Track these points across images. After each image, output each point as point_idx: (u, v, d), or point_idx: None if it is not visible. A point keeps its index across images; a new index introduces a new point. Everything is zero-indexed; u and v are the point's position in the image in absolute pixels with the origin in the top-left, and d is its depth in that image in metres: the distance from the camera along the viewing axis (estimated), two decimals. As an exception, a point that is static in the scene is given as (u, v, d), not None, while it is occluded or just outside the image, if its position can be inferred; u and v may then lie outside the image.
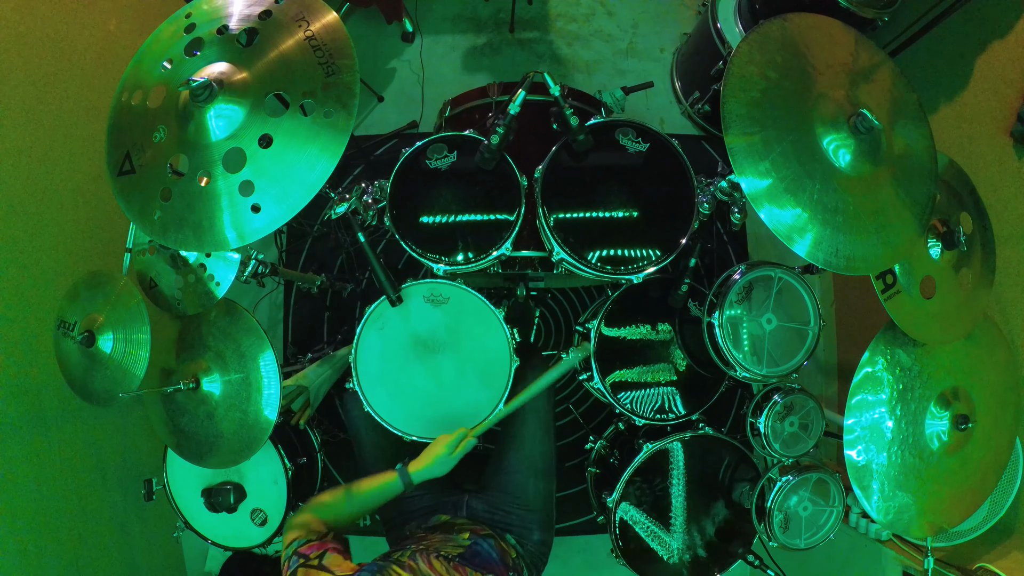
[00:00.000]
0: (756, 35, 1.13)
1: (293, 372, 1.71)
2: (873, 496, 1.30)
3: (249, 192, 1.08)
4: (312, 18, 1.14)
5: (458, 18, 2.62)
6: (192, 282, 1.38)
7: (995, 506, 1.54)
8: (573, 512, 2.28)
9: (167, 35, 1.21)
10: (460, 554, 1.11)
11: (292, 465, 1.52)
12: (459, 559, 1.08)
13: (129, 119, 1.18)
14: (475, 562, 1.11)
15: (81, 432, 1.73)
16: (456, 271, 1.36)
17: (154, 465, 1.63)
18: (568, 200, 1.35)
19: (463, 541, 1.18)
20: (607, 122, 1.40)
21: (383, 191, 1.38)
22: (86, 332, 1.29)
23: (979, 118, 1.73)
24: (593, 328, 1.50)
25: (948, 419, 1.31)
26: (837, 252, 1.10)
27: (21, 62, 1.56)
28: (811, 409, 1.49)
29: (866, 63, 1.19)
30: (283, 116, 1.10)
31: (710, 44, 2.08)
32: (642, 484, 1.55)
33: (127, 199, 1.15)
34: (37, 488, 1.55)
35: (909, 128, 1.20)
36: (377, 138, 2.44)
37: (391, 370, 1.38)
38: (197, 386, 1.36)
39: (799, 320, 1.42)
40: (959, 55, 1.79)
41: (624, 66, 2.59)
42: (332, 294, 2.37)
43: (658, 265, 1.35)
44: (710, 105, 2.29)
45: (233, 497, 1.50)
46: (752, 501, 1.49)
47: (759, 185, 1.08)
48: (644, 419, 1.52)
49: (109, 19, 1.92)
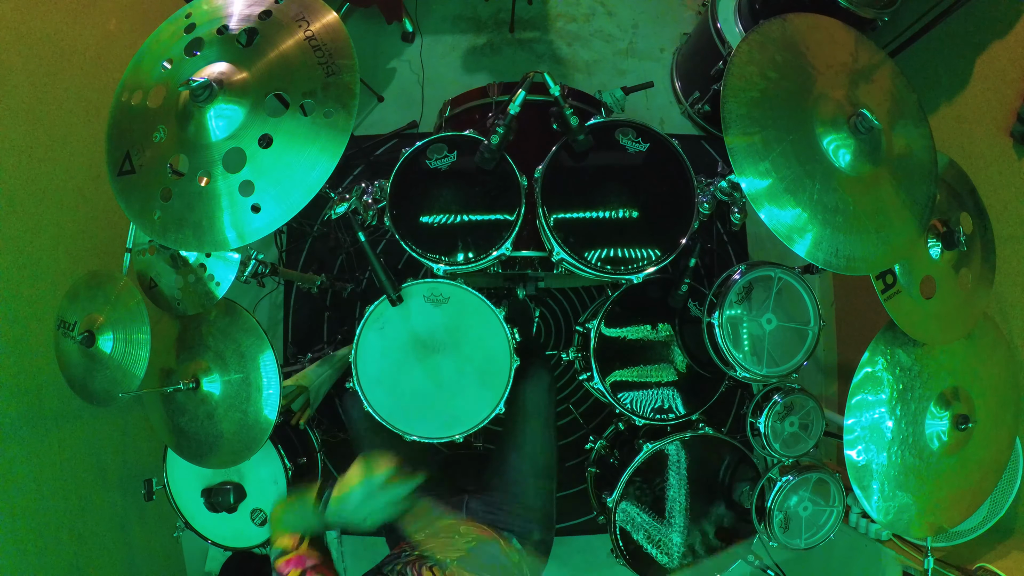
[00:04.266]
0: (756, 35, 1.13)
1: (293, 372, 1.71)
2: (873, 496, 1.30)
3: (249, 192, 1.08)
4: (312, 18, 1.14)
5: (458, 18, 2.62)
6: (192, 282, 1.39)
7: (995, 506, 1.54)
8: (573, 512, 2.28)
9: (167, 35, 1.21)
10: (460, 558, 1.10)
11: (292, 465, 1.53)
12: (458, 563, 1.07)
13: (129, 119, 1.18)
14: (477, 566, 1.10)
15: (81, 432, 1.73)
16: (456, 271, 1.36)
17: (154, 465, 1.64)
18: (568, 200, 1.35)
19: (464, 544, 1.18)
20: (607, 122, 1.40)
21: (383, 191, 1.38)
22: (86, 332, 1.29)
23: (979, 118, 1.73)
24: (593, 328, 1.50)
25: (948, 419, 1.31)
26: (837, 252, 1.10)
27: (21, 62, 1.56)
28: (811, 409, 1.49)
29: (866, 63, 1.19)
30: (283, 116, 1.10)
31: (710, 44, 2.08)
32: (642, 484, 1.55)
33: (127, 199, 1.15)
34: (37, 488, 1.55)
35: (909, 128, 1.20)
36: (377, 138, 2.44)
37: (391, 370, 1.38)
38: (197, 386, 1.36)
39: (799, 320, 1.42)
40: (959, 55, 1.79)
41: (624, 66, 2.59)
42: (332, 294, 2.37)
43: (658, 265, 1.34)
44: (710, 105, 2.29)
45: (233, 497, 1.49)
46: (752, 501, 1.49)
47: (759, 185, 1.08)
48: (644, 419, 1.52)
49: (109, 19, 1.92)
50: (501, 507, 1.36)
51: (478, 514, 1.36)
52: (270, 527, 1.06)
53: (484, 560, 1.14)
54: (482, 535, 1.23)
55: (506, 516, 1.35)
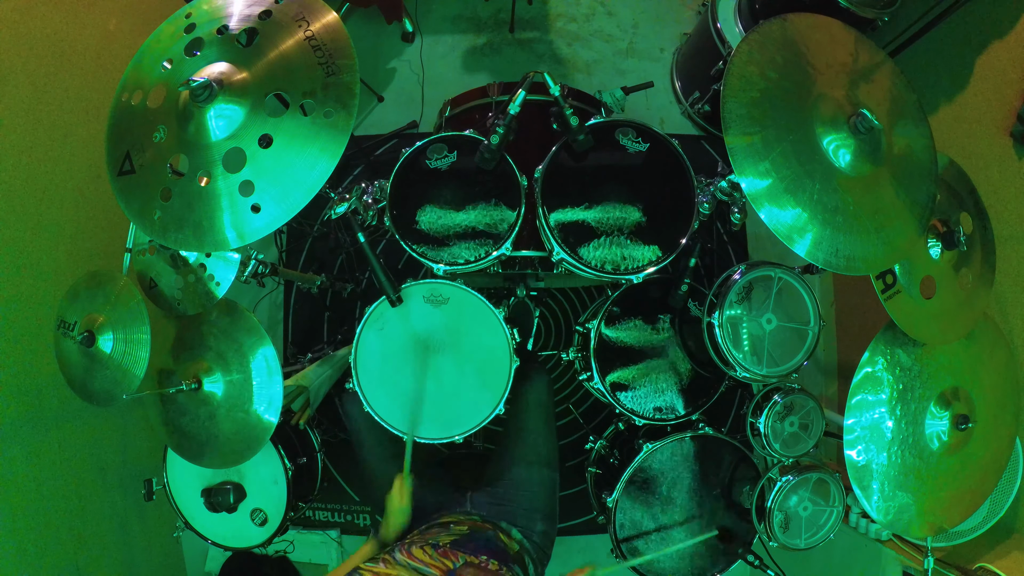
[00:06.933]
0: (756, 35, 1.13)
1: (293, 372, 1.71)
2: (873, 496, 1.30)
3: (249, 192, 1.08)
4: (312, 18, 1.14)
5: (458, 18, 2.62)
6: (192, 282, 1.38)
7: (995, 506, 1.54)
8: (573, 512, 2.28)
9: (167, 35, 1.21)
10: (454, 540, 1.10)
11: (292, 465, 1.53)
12: (451, 545, 1.07)
13: (129, 119, 1.18)
14: (468, 547, 1.09)
15: (81, 432, 1.74)
16: (456, 271, 1.36)
17: (154, 465, 1.64)
18: (568, 200, 1.35)
19: (459, 531, 1.17)
20: (607, 122, 1.40)
21: (383, 191, 1.38)
22: (86, 332, 1.29)
23: (979, 118, 1.73)
24: (593, 328, 1.50)
25: (948, 419, 1.30)
26: (837, 252, 1.10)
27: (21, 62, 1.57)
28: (811, 409, 1.48)
29: (866, 63, 1.19)
30: (283, 116, 1.10)
31: (710, 44, 2.08)
32: (642, 484, 1.55)
33: (127, 199, 1.15)
34: (37, 488, 1.55)
35: (909, 128, 1.20)
36: (377, 138, 2.44)
37: (391, 370, 1.38)
38: (199, 387, 1.36)
39: (799, 320, 1.42)
40: (959, 55, 1.79)
41: (624, 66, 2.59)
42: (332, 294, 2.37)
43: (658, 265, 1.34)
44: (710, 105, 2.29)
45: (233, 497, 1.50)
46: (752, 501, 1.49)
47: (759, 185, 1.08)
48: (644, 419, 1.52)
49: (109, 19, 1.92)
50: (504, 498, 1.35)
51: (482, 507, 1.35)
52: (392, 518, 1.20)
53: (479, 543, 1.13)
54: (477, 526, 1.23)
55: (510, 507, 1.34)
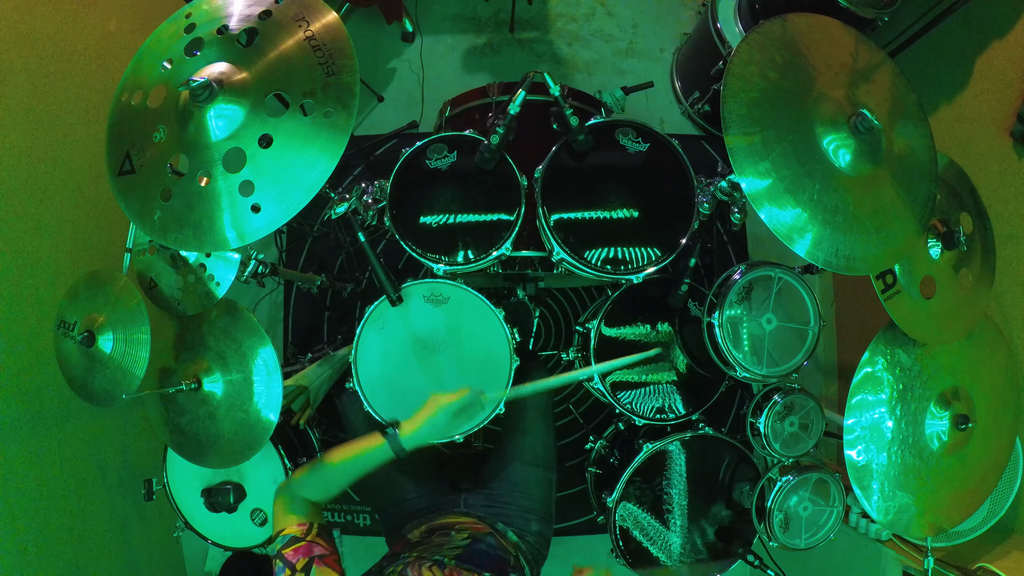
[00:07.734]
0: (756, 35, 1.13)
1: (293, 372, 1.71)
2: (873, 496, 1.30)
3: (249, 192, 1.08)
4: (312, 18, 1.14)
5: (458, 18, 2.62)
6: (192, 282, 1.38)
7: (995, 506, 1.54)
8: (573, 512, 2.28)
9: (167, 35, 1.21)
10: (458, 555, 1.10)
11: (292, 465, 1.52)
12: (456, 561, 1.07)
13: (129, 119, 1.18)
14: (474, 561, 1.09)
15: (81, 432, 1.74)
16: (456, 271, 1.36)
17: (154, 465, 1.63)
18: (568, 200, 1.35)
19: (461, 541, 1.17)
20: (607, 122, 1.40)
21: (383, 191, 1.38)
22: (86, 332, 1.29)
23: (979, 118, 1.73)
24: (593, 328, 1.50)
25: (948, 419, 1.31)
26: (837, 252, 1.10)
27: (21, 62, 1.56)
28: (811, 409, 1.49)
29: (866, 63, 1.19)
30: (283, 116, 1.10)
31: (710, 44, 2.08)
32: (642, 484, 1.55)
33: (127, 199, 1.15)
34: (37, 488, 1.55)
35: (909, 128, 1.20)
36: (377, 138, 2.44)
37: (391, 370, 1.38)
38: (199, 386, 1.36)
39: (799, 320, 1.42)
40: (959, 55, 1.79)
41: (624, 66, 2.59)
42: (332, 294, 2.37)
43: (658, 265, 1.35)
44: (710, 105, 2.29)
45: (233, 497, 1.49)
46: (752, 501, 1.49)
47: (759, 185, 1.08)
48: (644, 419, 1.52)
49: (109, 19, 1.92)
50: (500, 498, 1.35)
51: (477, 508, 1.35)
52: (275, 512, 1.01)
53: (482, 554, 1.13)
54: (476, 530, 1.23)
55: (505, 508, 1.34)
